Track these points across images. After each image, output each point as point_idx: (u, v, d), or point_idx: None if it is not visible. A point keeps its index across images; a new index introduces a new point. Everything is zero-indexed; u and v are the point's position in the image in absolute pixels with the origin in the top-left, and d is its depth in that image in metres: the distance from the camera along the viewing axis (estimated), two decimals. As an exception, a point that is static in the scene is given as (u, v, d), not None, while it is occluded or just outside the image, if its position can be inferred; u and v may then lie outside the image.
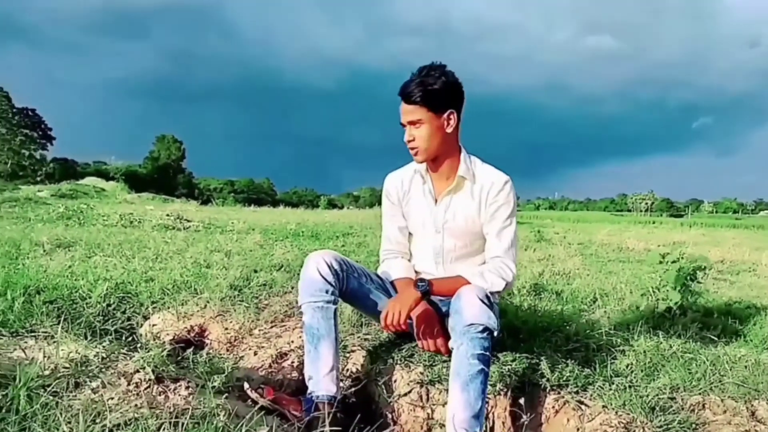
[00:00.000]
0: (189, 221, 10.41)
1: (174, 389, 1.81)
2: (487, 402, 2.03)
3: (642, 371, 2.38)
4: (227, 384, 2.00)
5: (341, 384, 2.15)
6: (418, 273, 2.40)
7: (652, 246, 10.88)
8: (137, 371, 1.84)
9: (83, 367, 1.83)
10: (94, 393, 1.68)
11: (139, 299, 3.03)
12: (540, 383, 2.20)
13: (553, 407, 2.12)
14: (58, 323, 2.33)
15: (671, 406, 2.08)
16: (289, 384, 2.30)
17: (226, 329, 2.72)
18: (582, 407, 2.08)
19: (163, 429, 1.53)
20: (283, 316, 2.86)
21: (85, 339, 2.23)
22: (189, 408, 1.66)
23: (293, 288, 3.37)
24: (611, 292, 4.58)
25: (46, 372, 1.74)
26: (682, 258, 3.73)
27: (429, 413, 2.17)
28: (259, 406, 1.88)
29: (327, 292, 2.08)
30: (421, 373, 2.24)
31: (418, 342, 2.24)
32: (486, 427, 2.06)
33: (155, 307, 2.95)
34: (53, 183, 28.95)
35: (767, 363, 2.50)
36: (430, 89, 2.10)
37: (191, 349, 2.26)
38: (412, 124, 2.16)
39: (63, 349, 1.94)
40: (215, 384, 1.90)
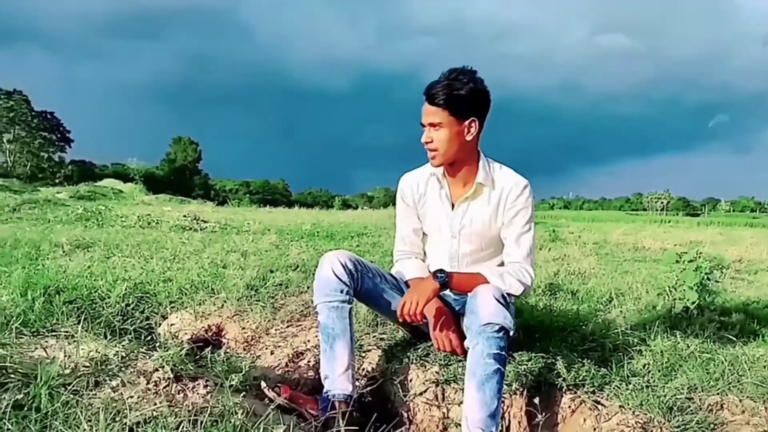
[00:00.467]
0: (205, 222, 10.48)
1: (192, 388, 1.83)
2: (503, 401, 2.02)
3: (659, 371, 2.37)
4: (245, 383, 2.02)
5: (357, 383, 2.15)
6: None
7: (668, 245, 10.76)
8: (156, 370, 1.86)
9: (103, 366, 1.86)
10: (113, 391, 1.70)
11: (158, 299, 3.06)
12: (556, 383, 2.19)
13: (570, 407, 2.12)
14: (78, 323, 2.36)
15: (689, 406, 2.06)
16: (306, 383, 2.32)
17: (243, 329, 2.74)
18: (598, 407, 2.07)
19: (182, 427, 1.55)
20: (299, 315, 2.87)
21: (105, 338, 2.25)
22: (207, 406, 1.68)
23: (309, 288, 3.38)
24: (627, 291, 4.54)
25: (66, 371, 1.76)
26: (699, 257, 3.69)
27: (444, 412, 2.17)
28: (276, 404, 1.89)
29: (342, 291, 2.08)
30: (437, 373, 2.24)
31: (433, 341, 2.24)
32: (502, 427, 2.06)
33: (173, 307, 2.98)
34: (72, 185, 29.33)
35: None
36: (455, 94, 2.06)
37: (209, 349, 2.29)
38: (432, 126, 2.12)
39: (83, 349, 1.96)
40: (233, 383, 1.92)
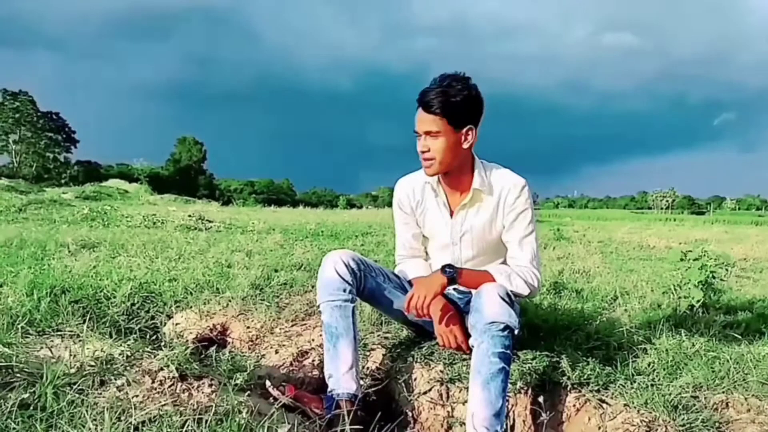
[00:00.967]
0: (210, 222, 10.51)
1: (197, 387, 1.83)
2: (508, 400, 2.02)
3: (664, 370, 2.36)
4: (249, 382, 2.03)
5: (362, 382, 2.15)
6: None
7: (673, 244, 10.72)
8: (161, 369, 1.87)
9: (108, 366, 1.87)
10: (119, 391, 1.71)
11: (163, 299, 3.07)
12: (561, 381, 2.19)
13: (574, 406, 2.11)
14: (83, 322, 2.37)
15: (694, 404, 2.05)
16: (310, 382, 2.32)
17: (247, 328, 2.75)
18: (603, 406, 2.06)
19: (187, 426, 1.55)
20: (304, 314, 2.88)
21: (110, 338, 2.27)
22: (212, 405, 1.68)
23: (313, 287, 3.39)
24: (632, 290, 4.52)
25: (72, 370, 1.77)
26: (704, 256, 3.68)
27: (449, 411, 2.16)
28: (281, 403, 1.89)
29: (345, 291, 2.08)
30: (441, 371, 2.24)
31: (438, 338, 2.24)
32: (506, 426, 2.06)
33: (178, 307, 2.99)
34: (77, 185, 29.44)
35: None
36: (452, 101, 2.02)
37: (214, 348, 2.29)
38: (428, 134, 2.08)
39: (88, 348, 1.97)
40: (238, 382, 1.93)
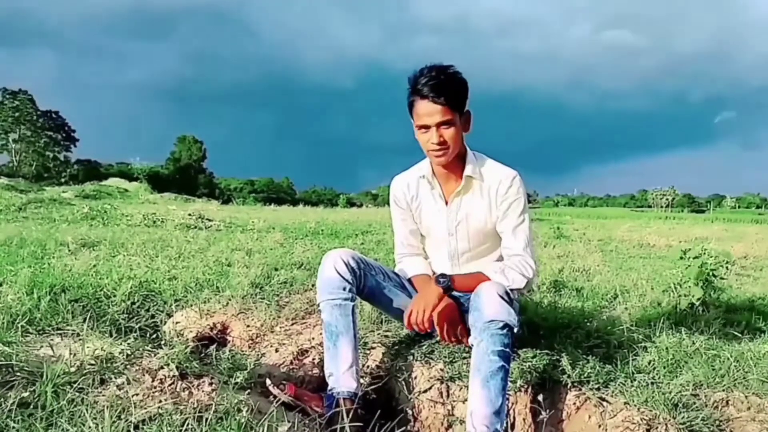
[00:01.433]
0: (210, 220, 10.52)
1: (197, 385, 1.84)
2: (508, 398, 2.02)
3: (664, 368, 2.36)
4: (249, 380, 2.03)
5: (362, 380, 2.16)
6: (434, 274, 2.39)
7: (673, 242, 10.73)
8: (161, 368, 1.87)
9: (108, 364, 1.87)
10: (119, 389, 1.71)
11: (163, 297, 3.07)
12: (561, 380, 2.19)
13: (574, 404, 2.11)
14: (83, 321, 2.37)
15: (694, 402, 2.05)
16: (311, 380, 2.32)
17: (247, 326, 2.75)
18: (603, 404, 2.06)
19: (187, 424, 1.55)
20: (304, 313, 2.88)
21: (110, 336, 2.27)
22: (212, 404, 1.69)
23: (313, 286, 3.38)
24: (632, 288, 4.53)
25: (72, 369, 1.77)
26: (704, 253, 3.67)
27: (449, 410, 2.17)
28: (281, 402, 1.90)
29: (344, 289, 2.09)
30: (442, 370, 2.24)
31: (438, 334, 2.22)
32: (506, 424, 2.06)
33: (178, 305, 2.99)
34: (77, 184, 29.42)
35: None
36: (453, 88, 2.05)
37: (214, 346, 2.29)
38: (442, 125, 2.07)
39: (88, 347, 1.97)
40: (238, 380, 1.93)
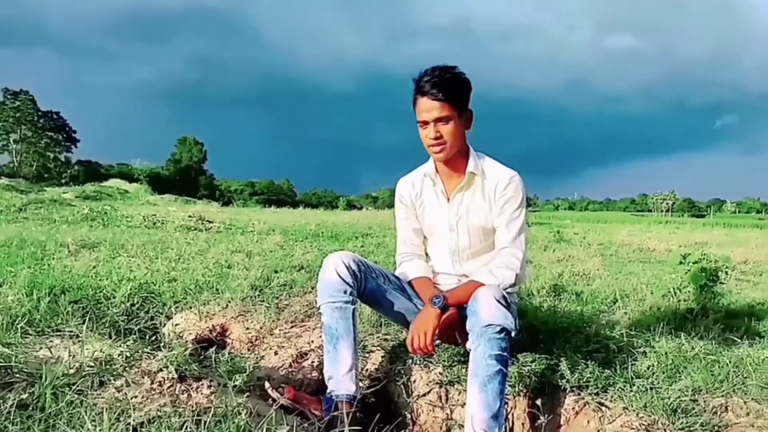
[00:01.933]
0: (210, 222, 10.52)
1: (196, 388, 1.83)
2: (506, 403, 2.02)
3: (663, 373, 2.36)
4: (248, 383, 2.03)
5: (361, 384, 2.16)
6: (435, 273, 2.40)
7: (673, 246, 10.73)
8: (160, 370, 1.87)
9: (108, 366, 1.86)
10: (118, 391, 1.71)
11: (162, 299, 3.07)
12: (560, 384, 2.19)
13: (573, 408, 2.11)
14: (83, 323, 2.37)
15: (693, 408, 2.05)
16: (310, 383, 2.32)
17: (247, 329, 2.75)
18: (602, 409, 2.06)
19: (186, 427, 1.55)
20: (303, 316, 2.88)
21: (110, 338, 2.27)
22: (211, 407, 1.68)
23: (313, 288, 3.39)
24: (632, 293, 4.53)
25: (71, 371, 1.77)
26: (703, 258, 3.68)
27: (448, 413, 2.17)
28: (280, 405, 1.89)
29: (345, 292, 2.09)
30: (440, 374, 2.24)
31: (437, 337, 2.23)
32: (505, 428, 2.06)
33: (178, 307, 2.99)
34: (78, 185, 29.44)
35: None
36: (454, 86, 2.11)
37: (213, 349, 2.30)
38: (438, 121, 2.14)
39: (88, 348, 1.97)
40: (237, 383, 1.93)
